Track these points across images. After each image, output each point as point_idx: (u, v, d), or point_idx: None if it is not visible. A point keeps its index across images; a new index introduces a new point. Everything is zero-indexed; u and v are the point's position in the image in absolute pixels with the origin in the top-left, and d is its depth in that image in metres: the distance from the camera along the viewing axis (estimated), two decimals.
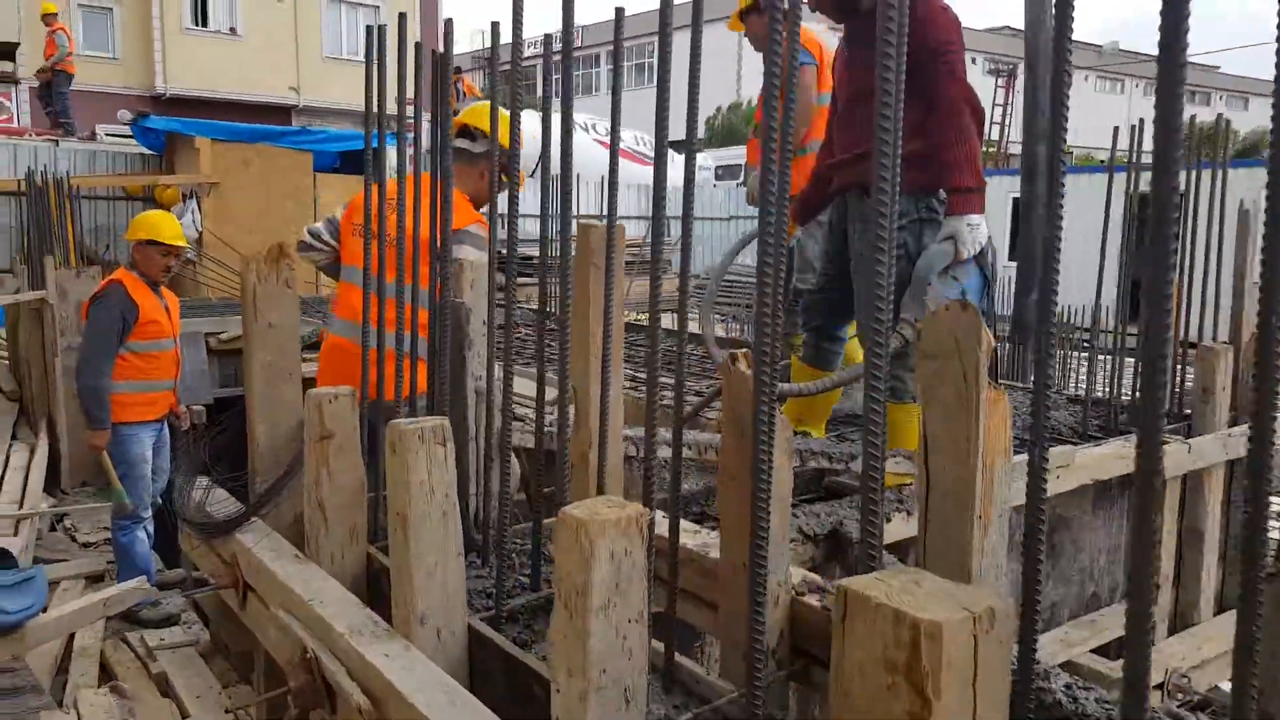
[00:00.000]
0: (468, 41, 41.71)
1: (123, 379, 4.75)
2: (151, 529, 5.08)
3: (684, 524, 2.30)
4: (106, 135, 15.82)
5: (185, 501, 2.48)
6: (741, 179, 21.88)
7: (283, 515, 2.43)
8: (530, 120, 21.20)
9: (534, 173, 17.28)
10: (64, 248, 7.14)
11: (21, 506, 5.64)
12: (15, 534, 5.23)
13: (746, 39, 5.00)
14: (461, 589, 1.75)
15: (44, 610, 3.87)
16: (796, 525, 2.51)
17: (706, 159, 22.72)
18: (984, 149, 3.50)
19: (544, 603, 2.02)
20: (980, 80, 43.35)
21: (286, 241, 2.47)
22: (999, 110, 27.05)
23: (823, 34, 4.98)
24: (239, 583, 2.26)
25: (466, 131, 3.56)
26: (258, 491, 2.43)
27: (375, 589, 2.15)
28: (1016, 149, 27.06)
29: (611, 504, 1.35)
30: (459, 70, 22.78)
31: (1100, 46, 47.60)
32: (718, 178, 22.27)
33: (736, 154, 25.18)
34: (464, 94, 21.00)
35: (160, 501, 5.30)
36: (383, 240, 3.47)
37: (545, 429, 2.60)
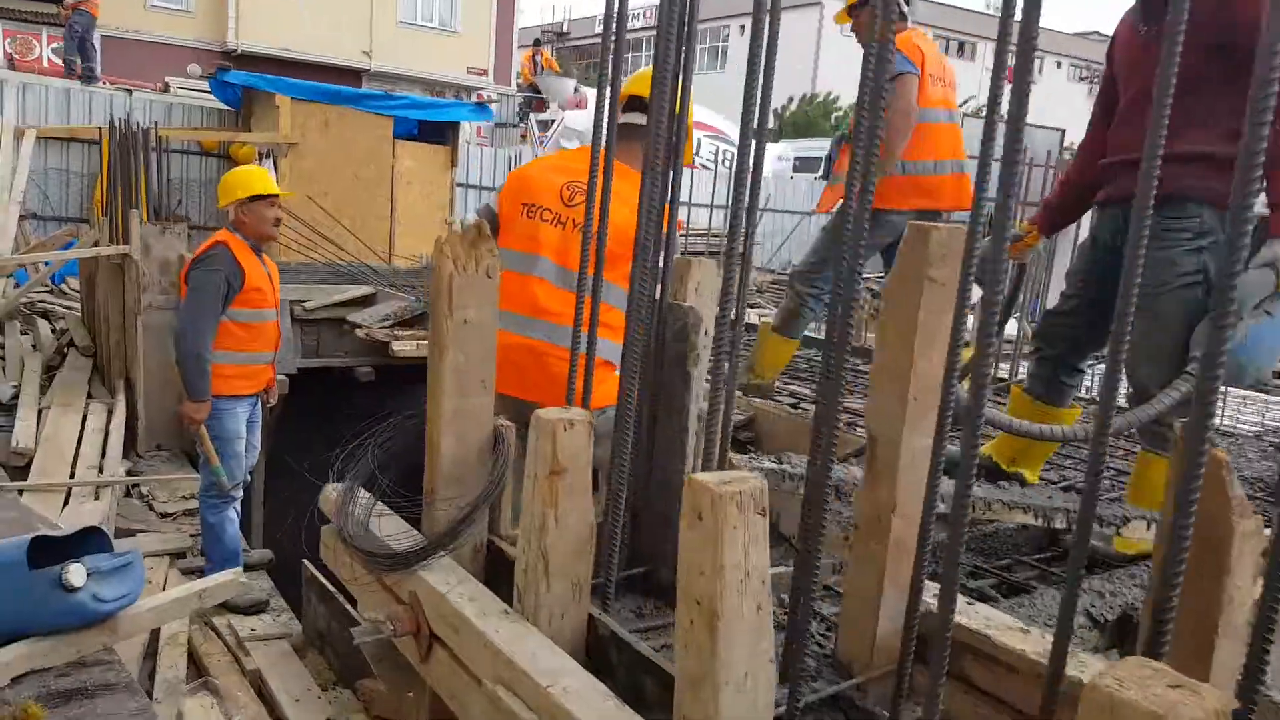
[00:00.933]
0: (538, 15, 41.22)
1: (222, 349, 4.40)
2: (239, 508, 4.76)
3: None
4: (178, 88, 15.60)
5: (347, 519, 2.08)
6: (821, 172, 21.34)
7: (461, 547, 2.03)
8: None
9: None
10: (144, 202, 6.83)
11: (101, 472, 5.34)
12: (97, 498, 4.93)
13: (855, 35, 4.50)
14: (771, 707, 1.33)
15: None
16: (1081, 605, 2.07)
17: (786, 149, 22.14)
18: None
19: (833, 701, 1.60)
20: (1066, 87, 42.34)
21: (484, 222, 2.05)
22: None
23: (929, 41, 4.56)
24: (420, 629, 1.86)
25: (634, 104, 3.13)
26: (441, 516, 2.03)
27: (597, 656, 1.75)
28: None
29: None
30: (537, 43, 22.37)
31: None
32: (795, 169, 21.67)
33: (816, 146, 24.60)
34: (543, 68, 20.60)
35: (250, 478, 4.97)
36: (564, 228, 3.07)
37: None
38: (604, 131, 2.03)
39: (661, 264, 2.09)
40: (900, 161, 4.30)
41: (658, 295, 2.09)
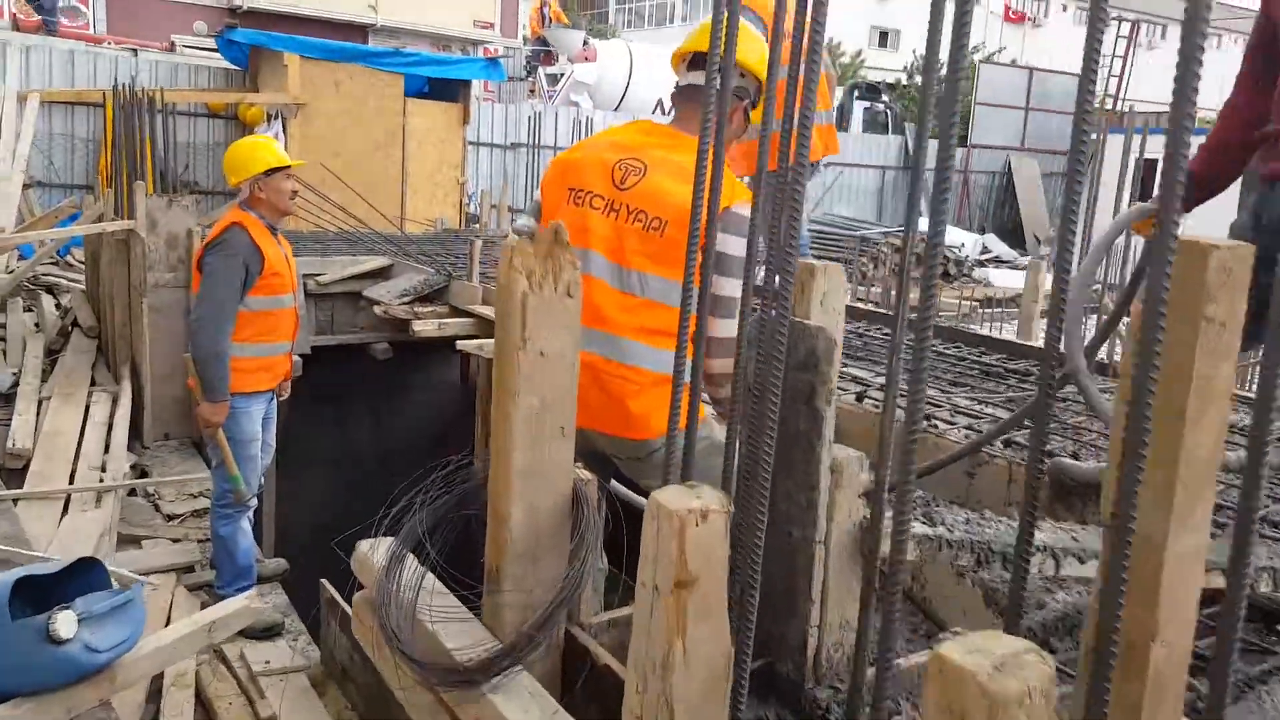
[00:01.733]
0: None
1: (239, 341, 3.98)
2: (252, 515, 4.37)
3: None
4: (184, 47, 15.03)
5: (389, 603, 1.65)
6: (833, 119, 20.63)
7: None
8: (615, 48, 19.79)
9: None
10: (149, 169, 6.38)
11: (104, 470, 4.95)
12: (98, 505, 4.54)
13: None
14: None
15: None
16: None
17: None
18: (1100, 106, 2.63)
19: None
20: (1072, 30, 41.09)
21: (560, 224, 1.60)
22: (1118, 63, 25.19)
23: None
24: None
25: (697, 62, 2.64)
26: (509, 608, 1.60)
27: None
28: (1142, 106, 25.29)
29: None
30: None
31: None
32: None
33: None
34: (551, 20, 19.90)
35: (263, 481, 4.58)
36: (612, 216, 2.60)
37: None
38: (713, 102, 1.55)
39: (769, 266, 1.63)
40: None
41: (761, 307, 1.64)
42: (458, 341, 5.09)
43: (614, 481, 2.68)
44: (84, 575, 3.14)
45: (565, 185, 2.57)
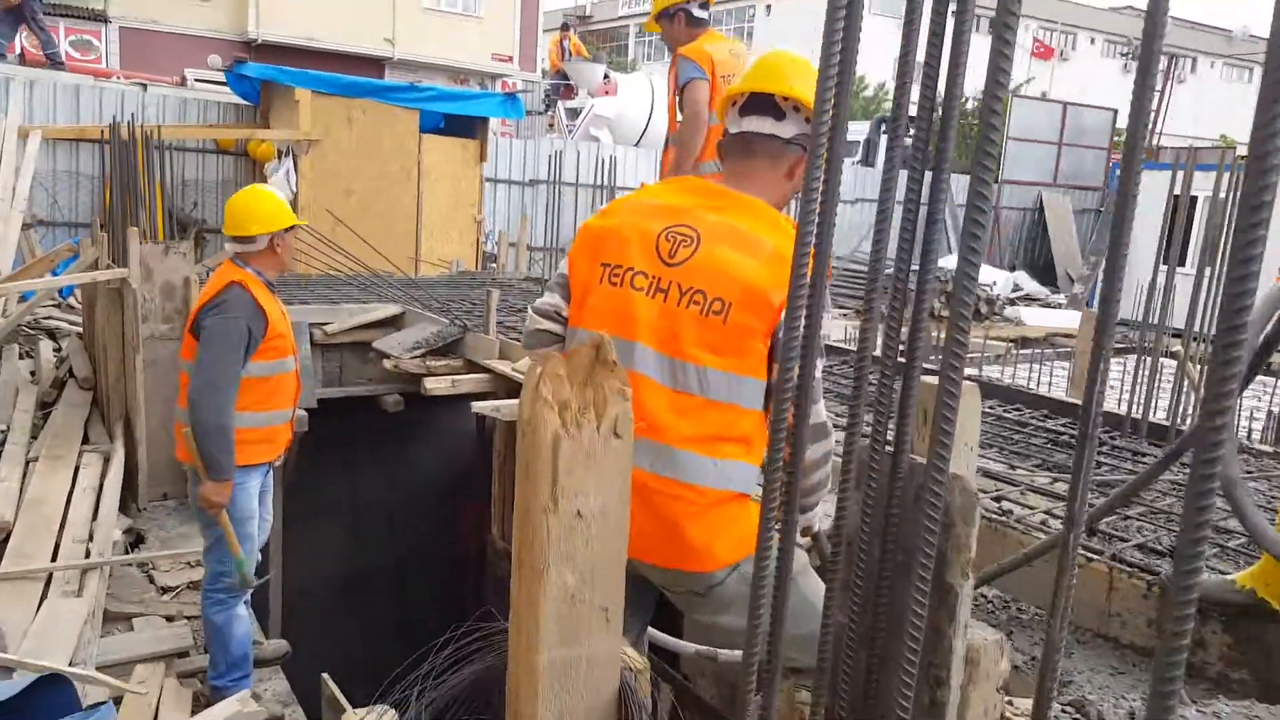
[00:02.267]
0: None
1: (239, 410, 3.62)
2: (249, 598, 3.99)
3: None
4: (196, 81, 14.85)
5: None
6: (859, 156, 20.34)
7: None
8: (637, 82, 19.58)
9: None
10: (150, 210, 6.06)
11: (92, 539, 4.56)
12: (82, 584, 4.15)
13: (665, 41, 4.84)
14: None
15: None
16: None
17: None
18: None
19: None
20: (1100, 63, 40.86)
21: (604, 339, 1.21)
22: (1155, 97, 24.74)
23: (720, 44, 4.77)
24: None
25: (757, 104, 2.25)
26: None
27: None
28: (1168, 141, 24.90)
29: None
30: (565, 26, 21.45)
31: (1230, 31, 44.49)
32: None
33: (854, 129, 23.61)
34: (571, 53, 19.69)
35: (259, 557, 4.19)
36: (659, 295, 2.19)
37: None
38: (820, 166, 1.16)
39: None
40: (697, 163, 4.50)
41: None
42: (473, 404, 4.72)
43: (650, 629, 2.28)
44: (51, 691, 2.77)
45: (598, 260, 2.17)
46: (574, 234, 10.46)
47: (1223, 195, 4.75)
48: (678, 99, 4.66)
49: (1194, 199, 16.66)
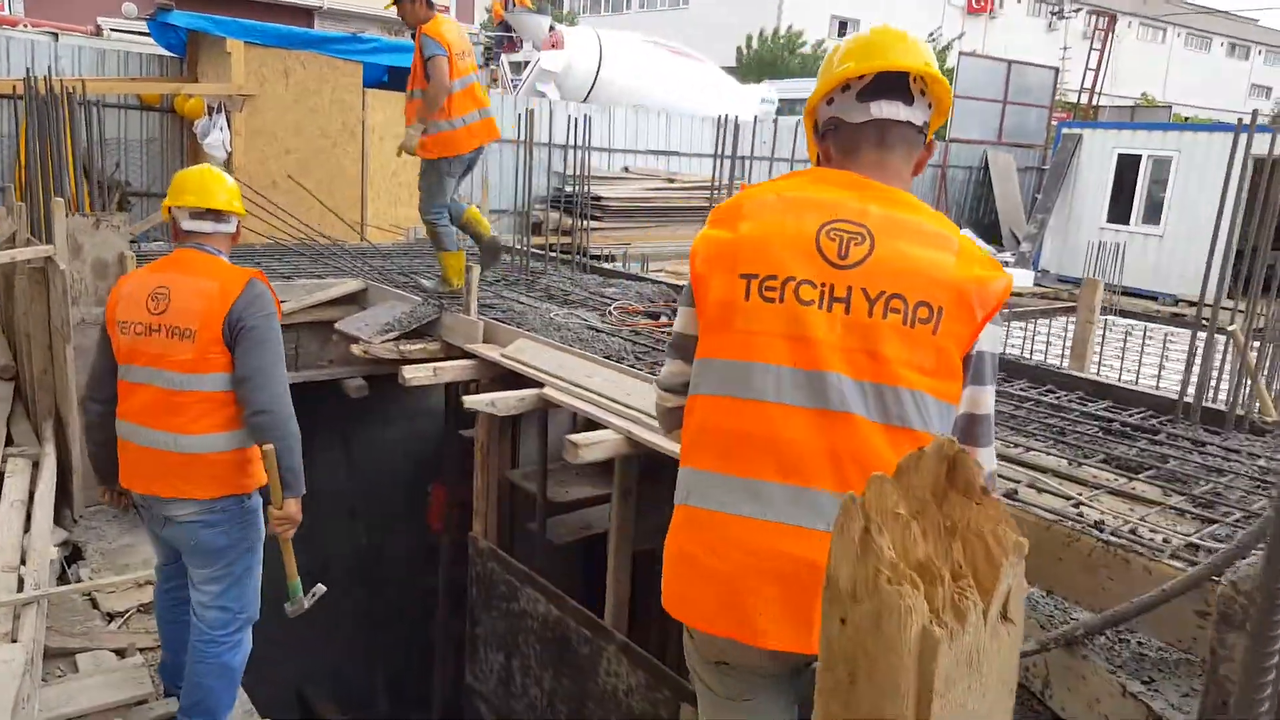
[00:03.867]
0: None
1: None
2: None
3: None
4: (112, 31, 13.70)
5: None
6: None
7: None
8: (583, 35, 18.88)
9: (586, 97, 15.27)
10: (75, 176, 5.34)
11: (23, 567, 3.94)
12: (17, 625, 3.54)
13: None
14: None
15: None
16: None
17: (770, 90, 20.63)
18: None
19: None
20: (1026, 21, 41.04)
21: (953, 446, 0.73)
22: (1095, 56, 24.73)
23: (451, 24, 6.06)
24: None
25: (885, 85, 1.81)
26: None
27: None
28: (1107, 100, 24.94)
29: None
30: None
31: None
32: (779, 112, 20.18)
33: (799, 86, 23.20)
34: (515, 4, 18.78)
35: None
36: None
37: None
38: None
39: None
40: (437, 123, 5.88)
41: None
42: (466, 399, 4.18)
43: None
44: None
45: (735, 271, 1.69)
46: (547, 195, 9.61)
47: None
48: (424, 70, 5.84)
49: (1137, 158, 16.69)
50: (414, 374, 4.66)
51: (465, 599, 6.86)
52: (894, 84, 1.80)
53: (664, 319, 5.53)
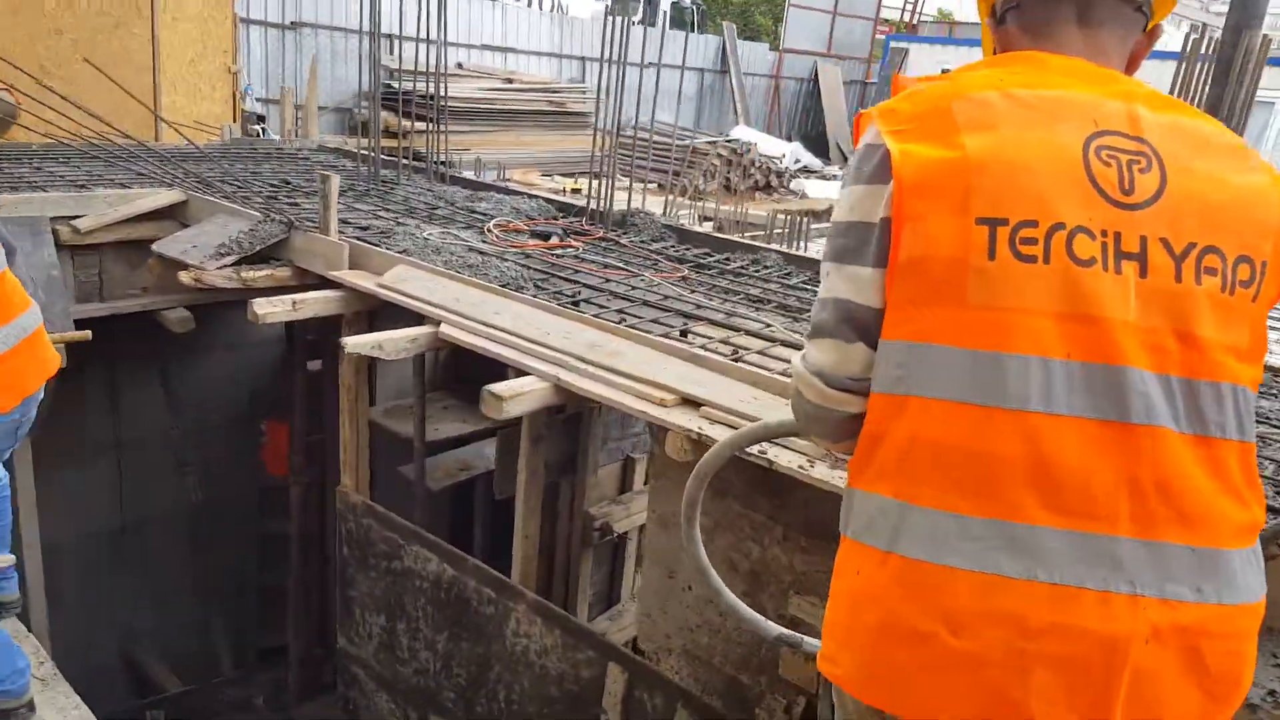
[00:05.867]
0: None
1: None
2: None
3: None
4: None
5: None
6: (639, 15, 19.10)
7: None
8: None
9: None
10: None
11: None
12: None
13: None
14: None
15: None
16: None
17: None
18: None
19: None
20: None
21: None
22: None
23: None
24: None
25: None
26: None
27: None
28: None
29: None
30: None
31: None
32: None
33: None
34: None
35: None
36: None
37: None
38: None
39: None
40: None
41: None
42: (346, 341, 3.42)
43: None
44: None
45: (968, 214, 1.14)
46: (372, 91, 8.59)
47: None
48: None
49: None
50: (268, 309, 3.83)
51: (322, 551, 6.13)
52: None
53: (555, 239, 4.89)
